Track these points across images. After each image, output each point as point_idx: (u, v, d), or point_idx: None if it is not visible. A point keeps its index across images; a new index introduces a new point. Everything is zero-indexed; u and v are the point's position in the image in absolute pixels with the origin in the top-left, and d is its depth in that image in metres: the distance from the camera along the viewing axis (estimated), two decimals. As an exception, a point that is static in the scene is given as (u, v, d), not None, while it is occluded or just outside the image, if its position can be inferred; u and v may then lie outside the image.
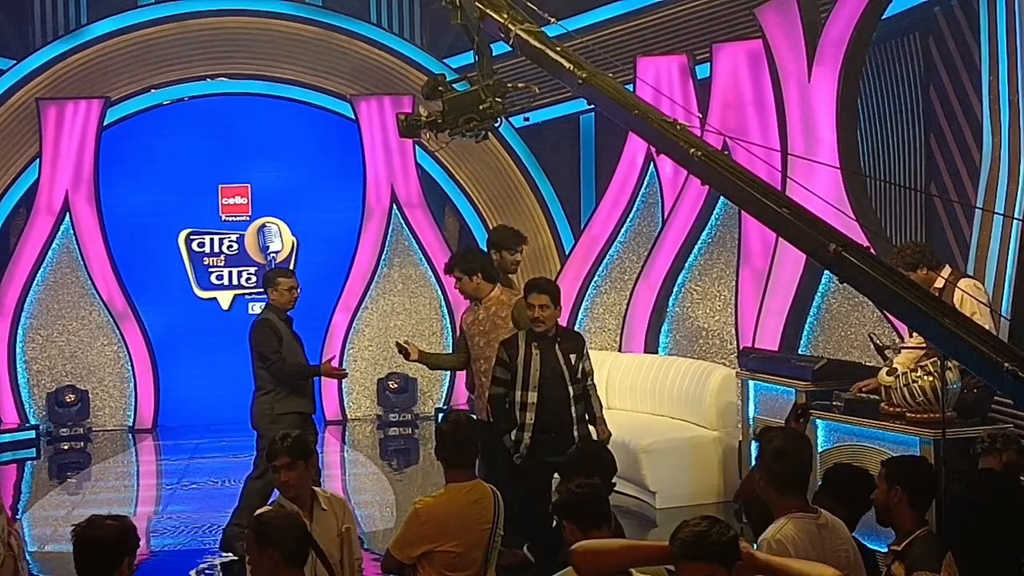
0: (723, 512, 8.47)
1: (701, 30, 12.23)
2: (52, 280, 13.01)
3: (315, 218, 13.53)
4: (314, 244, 13.53)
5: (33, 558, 8.24)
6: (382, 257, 13.40)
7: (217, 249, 13.51)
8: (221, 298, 13.53)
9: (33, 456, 12.17)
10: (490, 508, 5.50)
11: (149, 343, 13.08)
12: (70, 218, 12.90)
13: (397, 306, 13.50)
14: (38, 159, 12.93)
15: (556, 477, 6.21)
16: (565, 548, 4.18)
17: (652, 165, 11.99)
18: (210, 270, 13.52)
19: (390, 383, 13.27)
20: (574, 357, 7.20)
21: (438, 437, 5.58)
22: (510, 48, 6.47)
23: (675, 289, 11.59)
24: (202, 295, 13.51)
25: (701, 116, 10.73)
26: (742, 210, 7.66)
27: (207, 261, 13.51)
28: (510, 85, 6.73)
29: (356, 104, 13.35)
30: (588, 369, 7.33)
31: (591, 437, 7.24)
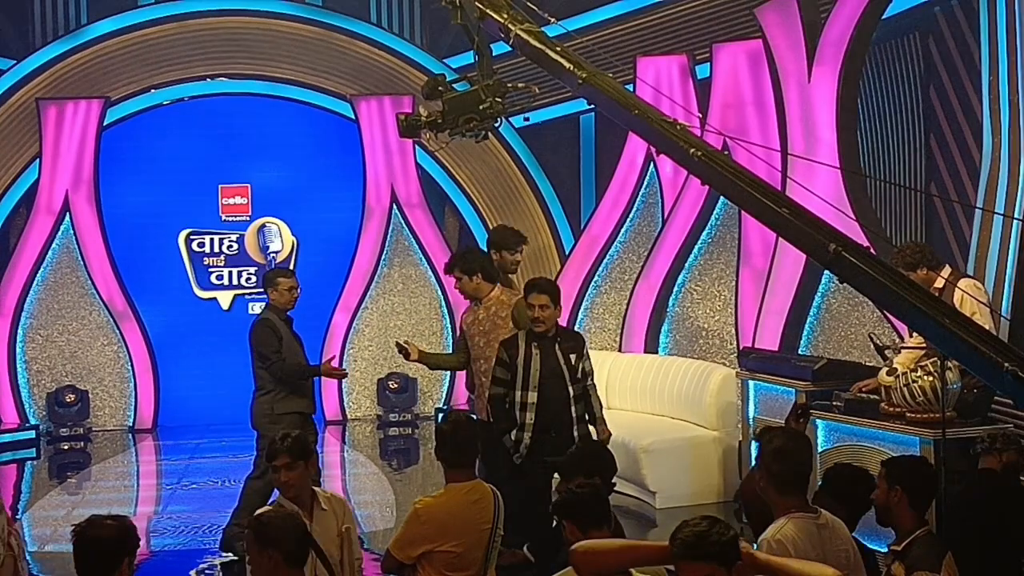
0: (723, 512, 8.48)
1: (701, 30, 12.22)
2: (52, 280, 13.00)
3: (315, 218, 13.52)
4: (314, 244, 13.52)
5: (33, 558, 8.24)
6: (382, 257, 13.40)
7: (217, 249, 13.50)
8: (221, 298, 13.53)
9: (33, 456, 12.16)
10: (490, 508, 5.49)
11: (149, 343, 13.08)
12: (70, 218, 12.90)
13: (397, 306, 13.50)
14: (38, 159, 12.92)
15: (556, 477, 6.21)
16: (565, 548, 4.18)
17: (652, 165, 11.98)
18: (210, 270, 13.51)
19: (390, 383, 13.26)
20: (574, 357, 7.20)
21: (438, 437, 5.57)
22: (510, 48, 6.46)
23: (675, 289, 11.58)
24: (202, 295, 13.51)
25: (701, 116, 10.73)
26: (742, 210, 7.66)
27: (207, 261, 13.50)
28: (510, 85, 6.72)
29: (356, 104, 13.34)
30: (588, 369, 7.33)
31: (591, 437, 7.24)
